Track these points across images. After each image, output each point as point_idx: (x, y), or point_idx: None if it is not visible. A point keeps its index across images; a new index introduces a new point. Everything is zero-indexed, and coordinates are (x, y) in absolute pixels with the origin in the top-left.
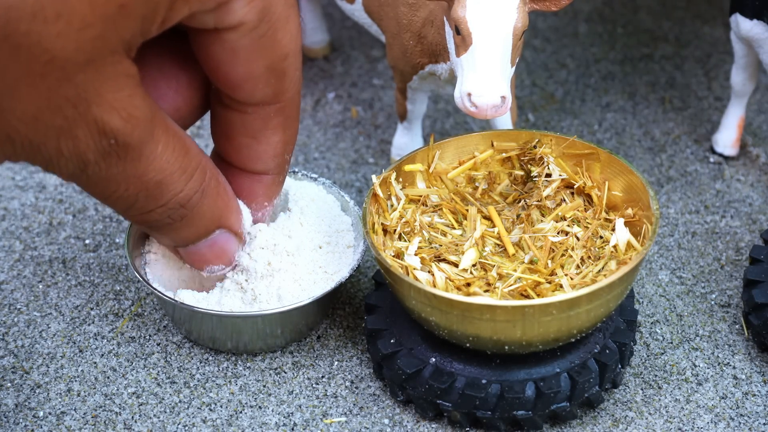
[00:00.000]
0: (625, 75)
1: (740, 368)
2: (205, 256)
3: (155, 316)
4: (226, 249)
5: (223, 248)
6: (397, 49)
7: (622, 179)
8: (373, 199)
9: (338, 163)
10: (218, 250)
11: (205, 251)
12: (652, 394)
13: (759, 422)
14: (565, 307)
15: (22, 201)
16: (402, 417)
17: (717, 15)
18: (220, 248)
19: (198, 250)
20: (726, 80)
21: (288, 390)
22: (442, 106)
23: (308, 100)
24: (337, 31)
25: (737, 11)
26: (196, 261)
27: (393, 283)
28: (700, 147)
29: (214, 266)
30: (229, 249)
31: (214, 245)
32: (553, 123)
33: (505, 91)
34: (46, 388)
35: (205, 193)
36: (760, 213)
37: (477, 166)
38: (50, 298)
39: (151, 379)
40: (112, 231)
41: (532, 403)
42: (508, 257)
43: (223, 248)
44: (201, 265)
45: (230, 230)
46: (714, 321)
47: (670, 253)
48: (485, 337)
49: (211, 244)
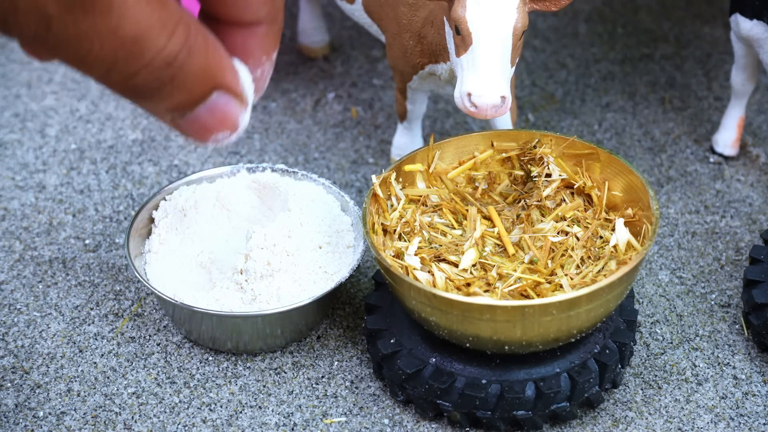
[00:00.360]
0: (625, 75)
1: (740, 368)
2: (207, 124)
3: (155, 316)
4: (228, 112)
5: (224, 112)
6: (397, 49)
7: (622, 179)
8: (373, 199)
9: (338, 164)
10: (220, 114)
11: (206, 118)
12: (652, 394)
13: (759, 422)
14: (565, 307)
15: (22, 201)
16: (402, 417)
17: (717, 15)
18: (222, 112)
19: (198, 117)
20: (726, 80)
21: (288, 390)
22: (442, 106)
23: (308, 100)
24: (337, 31)
25: (737, 11)
26: (199, 131)
27: (393, 284)
28: (700, 147)
29: (218, 134)
30: (231, 112)
31: (214, 110)
32: (553, 123)
33: (505, 91)
34: (46, 389)
35: (192, 51)
36: (760, 213)
37: (477, 166)
38: (50, 299)
39: (151, 379)
40: (112, 231)
41: (532, 403)
42: (508, 257)
43: (224, 112)
44: (205, 134)
45: (228, 90)
46: (714, 321)
47: (670, 253)
48: (485, 337)
49: (210, 108)
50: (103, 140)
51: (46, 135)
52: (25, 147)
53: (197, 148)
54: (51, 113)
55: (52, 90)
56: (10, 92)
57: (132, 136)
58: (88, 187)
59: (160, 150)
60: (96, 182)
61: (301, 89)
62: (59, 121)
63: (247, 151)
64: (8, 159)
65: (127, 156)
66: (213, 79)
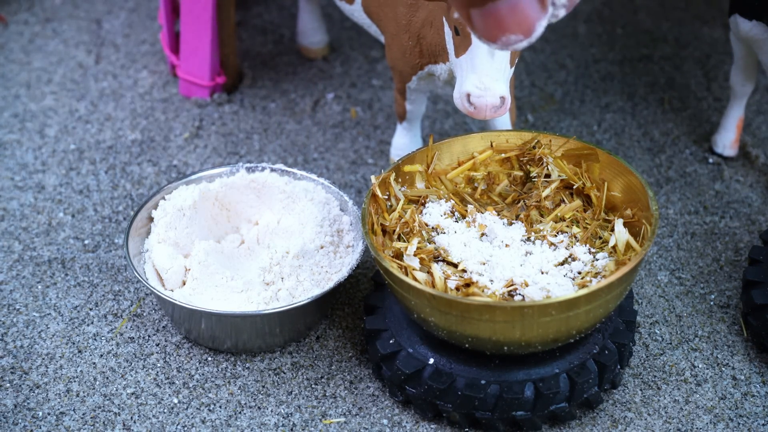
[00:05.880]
0: (624, 76)
1: (739, 369)
2: (503, 21)
3: (154, 316)
4: (528, 14)
5: (525, 12)
6: (396, 49)
7: (622, 180)
8: (372, 200)
9: (337, 164)
10: (520, 13)
11: (504, 14)
12: (651, 394)
13: (758, 423)
14: (564, 308)
15: (21, 201)
16: (401, 417)
17: (716, 16)
18: (522, 12)
19: (497, 10)
20: (725, 81)
21: (287, 390)
22: (442, 107)
23: (307, 100)
24: (336, 31)
25: (737, 12)
26: (492, 27)
27: (392, 284)
28: (699, 148)
29: (510, 35)
30: (531, 15)
31: (515, 7)
32: (553, 123)
33: (505, 92)
34: (45, 389)
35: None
36: (759, 214)
37: (476, 166)
38: (49, 299)
39: (150, 379)
40: (111, 231)
41: (531, 403)
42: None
43: (525, 12)
44: (497, 33)
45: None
46: (713, 322)
47: (669, 253)
48: (484, 338)
49: (512, 5)
50: (103, 140)
51: (46, 135)
52: (24, 147)
53: (196, 149)
54: (50, 113)
55: (51, 90)
56: (9, 92)
57: (131, 137)
58: (88, 187)
59: (159, 150)
60: (95, 182)
61: (300, 90)
62: (58, 121)
63: (246, 151)
64: (7, 159)
65: (126, 156)
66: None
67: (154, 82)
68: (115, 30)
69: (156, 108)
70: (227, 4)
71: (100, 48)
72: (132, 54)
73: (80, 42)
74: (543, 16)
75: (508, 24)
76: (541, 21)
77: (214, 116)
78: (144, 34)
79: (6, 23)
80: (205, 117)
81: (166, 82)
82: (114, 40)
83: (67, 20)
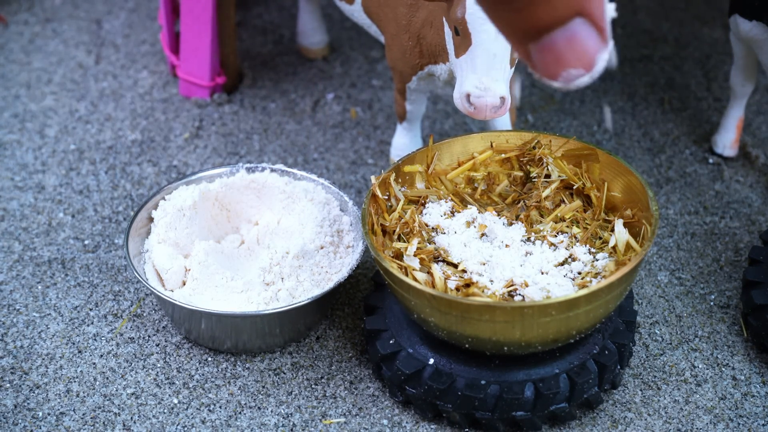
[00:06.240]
0: (624, 76)
1: (739, 369)
2: (561, 55)
3: (154, 316)
4: (587, 46)
5: (583, 45)
6: (396, 49)
7: (621, 180)
8: (372, 200)
9: (337, 164)
10: (578, 46)
11: (562, 47)
12: (651, 395)
13: (758, 423)
14: (564, 308)
15: (21, 202)
16: (401, 418)
17: (716, 16)
18: (581, 44)
19: (553, 44)
20: (725, 81)
21: (287, 391)
22: (442, 107)
23: (307, 100)
24: (336, 31)
25: (737, 12)
26: (550, 62)
27: (392, 284)
28: (699, 148)
29: (571, 70)
30: (590, 47)
31: (573, 39)
32: (552, 124)
33: (505, 92)
34: (45, 389)
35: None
36: (759, 214)
37: (476, 166)
38: (49, 299)
39: (150, 379)
40: (111, 232)
41: (531, 404)
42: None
43: (583, 45)
44: (557, 68)
45: (591, 20)
46: (713, 322)
47: (669, 254)
48: (484, 338)
49: (569, 37)
50: (103, 141)
51: (46, 135)
52: (24, 147)
53: (196, 149)
54: (50, 114)
55: (51, 90)
56: (9, 93)
57: (131, 137)
58: (88, 187)
59: (159, 150)
60: (95, 183)
61: (300, 90)
62: (58, 121)
63: (246, 151)
64: (7, 159)
65: (126, 156)
66: (579, 1)
67: (154, 83)
68: (115, 30)
69: (156, 108)
70: (227, 4)
71: (100, 48)
72: (132, 54)
73: (80, 42)
74: (603, 49)
75: (567, 58)
76: (601, 54)
77: (214, 116)
78: (144, 34)
79: (6, 23)
80: (205, 117)
81: (166, 82)
82: (114, 41)
83: (67, 20)
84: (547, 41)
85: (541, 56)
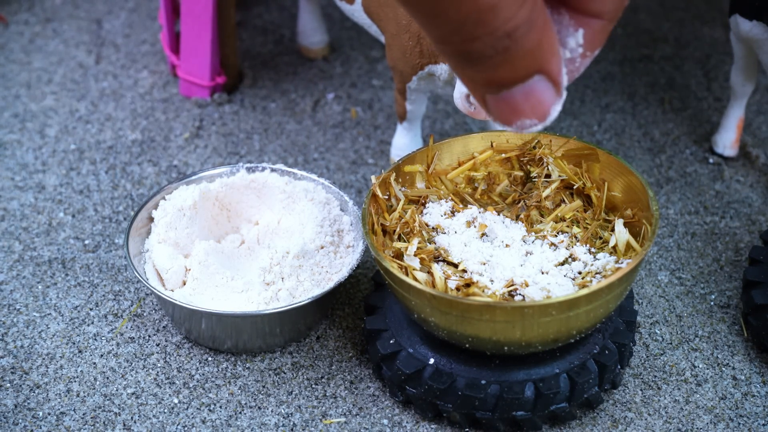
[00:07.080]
0: (624, 76)
1: (739, 369)
2: (518, 107)
3: (154, 316)
4: (543, 100)
5: (540, 99)
6: (396, 49)
7: (622, 180)
8: (372, 200)
9: (338, 164)
10: (534, 100)
11: (519, 100)
12: (651, 394)
13: (758, 423)
14: (564, 308)
15: (22, 201)
16: (401, 418)
17: (716, 16)
18: (537, 98)
19: (512, 97)
20: (725, 81)
21: (287, 390)
22: (442, 107)
23: (308, 100)
24: (336, 31)
25: (737, 12)
26: (507, 112)
27: (392, 284)
28: (699, 148)
29: (526, 120)
30: (546, 100)
31: (530, 94)
32: (553, 124)
33: None
34: (45, 389)
35: (533, 27)
36: (760, 214)
37: (476, 166)
38: (49, 299)
39: (151, 379)
40: (112, 231)
41: (532, 403)
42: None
43: (540, 99)
44: (512, 117)
45: (549, 77)
46: (713, 322)
47: (669, 253)
48: (484, 338)
49: (527, 91)
50: (103, 141)
51: (46, 135)
52: (24, 147)
53: (196, 149)
54: (50, 114)
55: (51, 90)
56: (9, 93)
57: (131, 137)
58: (88, 187)
59: (159, 150)
60: (95, 183)
61: (300, 90)
62: (59, 121)
63: (246, 151)
64: (8, 159)
65: (126, 156)
66: (539, 61)
67: (154, 82)
68: (116, 30)
69: (156, 108)
70: (227, 4)
71: (101, 48)
72: (132, 54)
73: (80, 42)
74: (558, 101)
75: (524, 110)
76: (555, 105)
77: (214, 116)
78: (144, 34)
79: (6, 23)
80: (206, 117)
81: (167, 82)
82: (114, 40)
83: (68, 20)
84: (505, 95)
85: (497, 106)
